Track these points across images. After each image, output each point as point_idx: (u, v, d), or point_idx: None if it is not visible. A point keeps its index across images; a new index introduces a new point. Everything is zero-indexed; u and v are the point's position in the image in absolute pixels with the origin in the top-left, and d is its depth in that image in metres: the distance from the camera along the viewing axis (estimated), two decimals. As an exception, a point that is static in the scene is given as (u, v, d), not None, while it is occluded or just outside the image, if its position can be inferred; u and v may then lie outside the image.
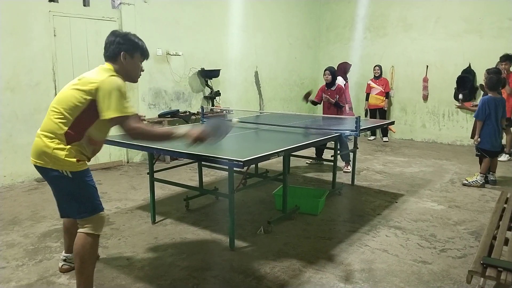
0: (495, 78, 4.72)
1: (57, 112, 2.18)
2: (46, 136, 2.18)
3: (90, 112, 2.17)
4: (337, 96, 5.58)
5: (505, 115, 4.78)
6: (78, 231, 2.29)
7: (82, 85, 2.17)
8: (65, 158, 2.15)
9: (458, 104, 6.00)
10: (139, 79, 2.50)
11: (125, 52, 2.32)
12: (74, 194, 2.24)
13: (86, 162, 2.30)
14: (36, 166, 2.25)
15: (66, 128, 2.16)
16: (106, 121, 2.16)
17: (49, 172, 2.21)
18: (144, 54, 2.42)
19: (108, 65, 2.32)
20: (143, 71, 2.46)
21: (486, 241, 2.29)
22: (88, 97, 2.15)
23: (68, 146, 2.18)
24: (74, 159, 2.19)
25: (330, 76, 5.61)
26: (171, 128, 2.30)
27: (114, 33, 2.37)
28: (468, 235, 3.39)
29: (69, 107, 2.16)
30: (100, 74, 2.22)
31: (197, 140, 2.31)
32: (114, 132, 2.78)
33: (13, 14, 4.73)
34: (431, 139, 8.25)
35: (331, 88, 5.66)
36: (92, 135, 2.26)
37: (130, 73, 2.38)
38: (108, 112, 2.12)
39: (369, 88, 8.34)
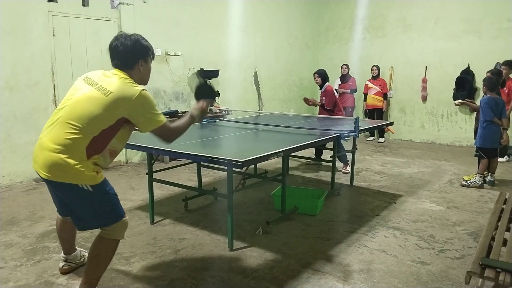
0: (495, 78, 4.72)
1: (77, 128, 2.04)
2: (62, 152, 2.02)
3: (116, 126, 2.12)
4: (324, 98, 5.60)
5: (505, 115, 4.78)
6: (99, 234, 2.25)
7: (110, 102, 2.05)
8: (86, 173, 2.06)
9: (458, 102, 5.62)
10: None
11: (142, 60, 2.27)
12: (96, 207, 2.17)
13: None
14: (47, 181, 2.11)
15: (87, 143, 2.06)
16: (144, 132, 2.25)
17: (65, 187, 2.08)
18: (153, 56, 2.39)
19: (121, 72, 2.20)
20: None
21: (484, 242, 2.29)
22: (120, 115, 2.09)
23: (89, 161, 2.08)
24: (95, 172, 2.11)
25: (320, 78, 5.64)
26: (189, 114, 2.51)
27: (126, 38, 2.23)
28: (467, 236, 3.39)
29: (93, 122, 2.05)
30: (127, 88, 2.11)
31: (206, 110, 2.60)
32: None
33: (12, 14, 4.72)
34: (430, 139, 8.25)
35: (321, 91, 5.71)
36: (114, 146, 2.21)
37: (145, 78, 2.35)
38: (149, 126, 2.22)
39: (367, 88, 8.34)
